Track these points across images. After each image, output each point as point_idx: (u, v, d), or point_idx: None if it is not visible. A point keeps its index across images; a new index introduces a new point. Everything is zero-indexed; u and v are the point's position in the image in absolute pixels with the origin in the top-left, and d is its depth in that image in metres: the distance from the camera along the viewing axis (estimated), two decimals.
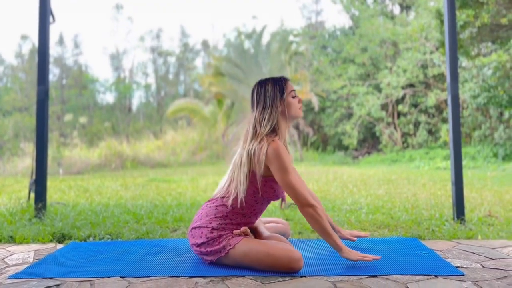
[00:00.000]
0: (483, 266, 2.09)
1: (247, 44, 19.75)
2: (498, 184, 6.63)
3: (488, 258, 2.22)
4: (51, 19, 3.69)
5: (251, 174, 2.10)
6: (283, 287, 1.83)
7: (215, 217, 2.13)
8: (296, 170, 2.25)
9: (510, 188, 5.99)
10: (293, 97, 2.21)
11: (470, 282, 1.85)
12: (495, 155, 11.74)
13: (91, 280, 1.97)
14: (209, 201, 2.24)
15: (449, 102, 3.46)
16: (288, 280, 1.93)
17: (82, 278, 2.00)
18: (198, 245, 2.13)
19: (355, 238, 2.53)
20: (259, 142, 2.08)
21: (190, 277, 2.00)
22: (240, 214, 2.15)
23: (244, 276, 1.99)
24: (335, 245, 2.08)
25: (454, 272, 1.98)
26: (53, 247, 2.69)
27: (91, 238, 2.89)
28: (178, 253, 2.42)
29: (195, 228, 2.16)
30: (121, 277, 2.01)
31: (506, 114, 11.01)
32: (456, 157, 3.40)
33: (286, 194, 2.23)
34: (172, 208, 4.31)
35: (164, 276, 2.01)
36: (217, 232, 2.10)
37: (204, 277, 1.99)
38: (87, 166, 17.52)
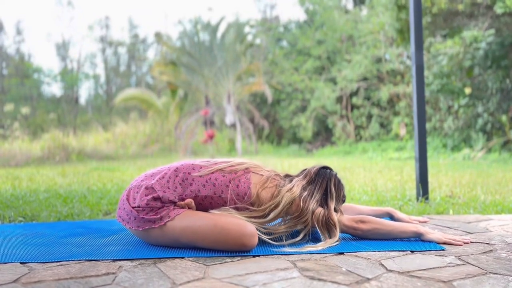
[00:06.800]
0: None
1: (202, 35, 19.16)
2: (452, 170, 6.60)
3: (466, 232, 1.96)
4: None
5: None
6: (232, 268, 1.45)
7: (169, 188, 1.72)
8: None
9: (464, 173, 5.95)
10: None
11: (453, 257, 1.56)
12: (445, 146, 11.99)
13: None
14: (175, 170, 1.79)
15: (413, 72, 3.22)
16: (238, 260, 1.56)
17: None
18: (134, 207, 1.71)
19: (416, 222, 2.23)
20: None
21: (114, 260, 1.58)
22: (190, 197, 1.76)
23: (182, 257, 1.60)
24: (411, 233, 1.82)
25: (433, 247, 1.68)
26: None
27: None
28: (103, 235, 1.98)
29: (145, 187, 1.72)
30: (21, 262, 1.55)
31: (456, 106, 11.22)
32: (420, 131, 3.17)
33: None
34: (110, 192, 3.82)
35: (79, 260, 1.57)
36: (161, 202, 1.70)
37: (131, 260, 1.58)
38: (28, 159, 16.26)
